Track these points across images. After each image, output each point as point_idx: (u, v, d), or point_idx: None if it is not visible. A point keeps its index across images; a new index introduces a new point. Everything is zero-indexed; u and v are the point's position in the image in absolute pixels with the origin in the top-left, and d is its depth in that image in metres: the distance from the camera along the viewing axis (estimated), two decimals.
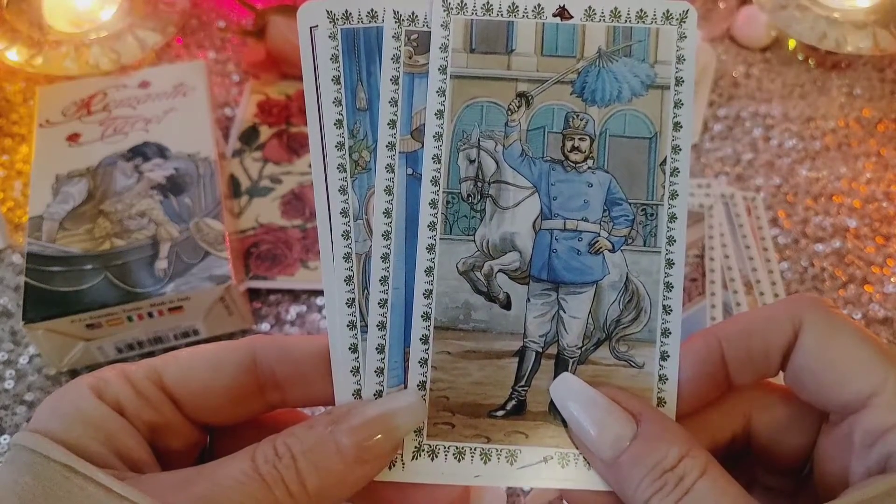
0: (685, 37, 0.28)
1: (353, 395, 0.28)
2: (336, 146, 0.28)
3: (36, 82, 0.63)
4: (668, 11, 0.28)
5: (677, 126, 0.28)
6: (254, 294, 0.52)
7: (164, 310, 0.47)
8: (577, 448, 0.27)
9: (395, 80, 0.28)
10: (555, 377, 0.28)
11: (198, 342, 0.50)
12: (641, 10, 0.28)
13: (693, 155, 0.61)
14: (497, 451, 0.28)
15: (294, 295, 0.52)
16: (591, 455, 0.27)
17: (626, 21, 0.28)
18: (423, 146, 0.28)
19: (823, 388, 0.27)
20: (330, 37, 0.28)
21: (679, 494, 0.24)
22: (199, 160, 0.53)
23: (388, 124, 0.28)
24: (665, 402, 0.28)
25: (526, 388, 0.29)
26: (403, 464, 0.28)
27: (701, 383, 0.28)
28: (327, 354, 0.28)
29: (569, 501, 0.30)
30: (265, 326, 0.51)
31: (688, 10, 0.28)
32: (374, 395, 0.28)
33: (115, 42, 0.62)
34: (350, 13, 0.28)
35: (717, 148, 0.61)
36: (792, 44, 0.67)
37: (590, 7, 0.28)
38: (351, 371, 0.28)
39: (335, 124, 0.28)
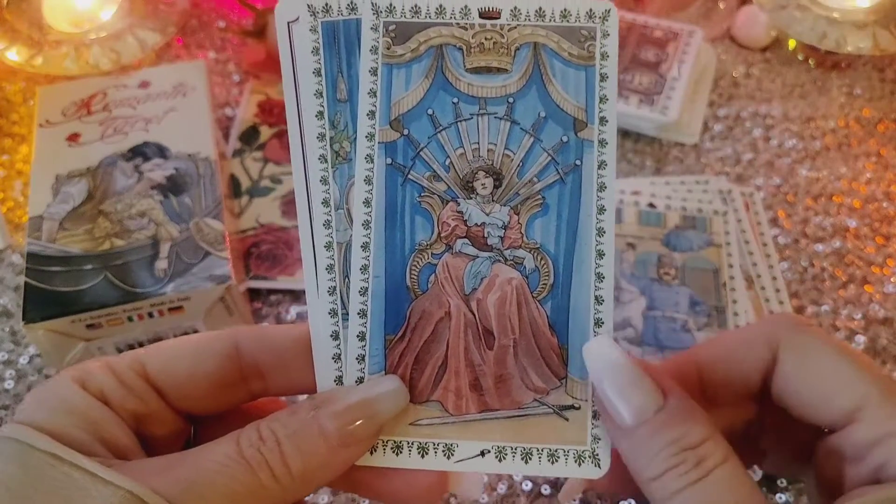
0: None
1: (334, 381, 0.28)
2: (317, 137, 0.28)
3: (36, 82, 0.64)
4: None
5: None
6: (254, 294, 0.52)
7: (164, 310, 0.47)
8: (599, 411, 0.27)
9: (373, 71, 0.28)
10: None
11: None
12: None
13: (693, 154, 0.61)
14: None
15: (294, 295, 0.52)
16: (612, 421, 0.26)
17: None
18: (402, 136, 0.28)
19: (809, 409, 0.27)
20: (311, 30, 0.28)
21: (697, 475, 0.24)
22: (199, 160, 0.53)
23: (368, 115, 0.28)
24: None
25: None
26: (384, 450, 0.28)
27: None
28: (308, 343, 0.28)
29: (595, 487, 0.30)
30: None
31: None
32: (356, 381, 0.28)
33: (115, 42, 0.62)
34: (330, 6, 0.28)
35: (717, 148, 0.61)
36: (792, 44, 0.67)
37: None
38: (332, 358, 0.28)
39: (316, 116, 0.28)
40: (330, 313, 0.28)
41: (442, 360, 0.28)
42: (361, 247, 0.28)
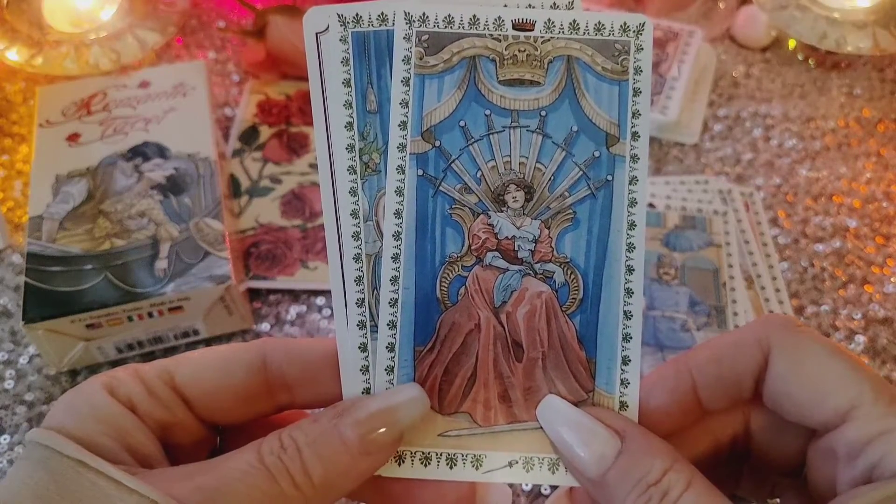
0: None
1: (361, 393, 0.28)
2: (346, 148, 0.28)
3: (36, 82, 0.63)
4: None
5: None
6: (254, 294, 0.52)
7: (164, 310, 0.47)
8: (566, 466, 0.28)
9: (405, 82, 0.28)
10: None
11: (198, 342, 0.50)
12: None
13: (693, 154, 0.61)
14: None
15: (294, 295, 0.52)
16: (580, 474, 0.27)
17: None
18: (434, 148, 0.28)
19: (802, 409, 0.27)
20: (341, 40, 0.28)
21: None
22: (199, 160, 0.53)
23: (399, 126, 0.28)
24: None
25: None
26: (413, 461, 0.28)
27: (672, 411, 0.28)
28: (335, 356, 0.28)
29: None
30: (265, 326, 0.51)
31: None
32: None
33: (115, 42, 0.62)
34: (360, 16, 0.28)
35: (717, 148, 0.61)
36: (792, 44, 0.67)
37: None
38: (360, 370, 0.28)
39: (345, 127, 0.28)
40: (358, 325, 0.28)
41: (471, 371, 0.29)
42: (392, 258, 0.28)
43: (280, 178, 0.57)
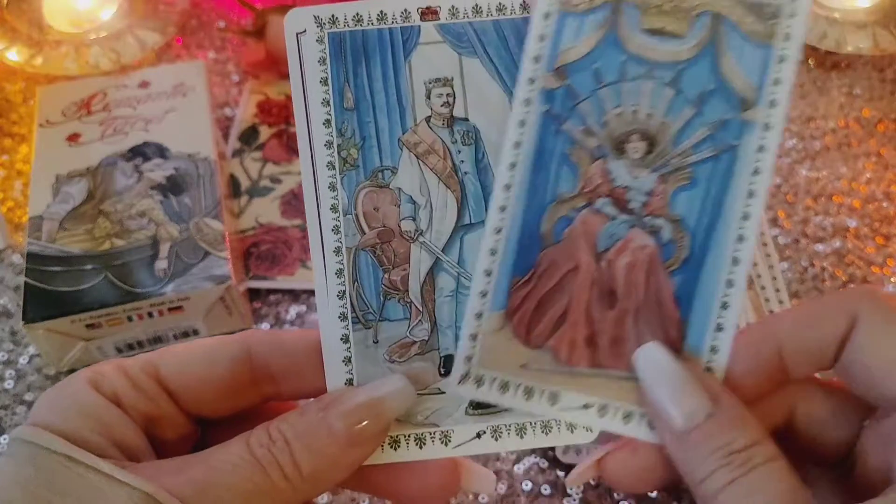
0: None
1: (345, 384, 0.29)
2: (325, 144, 0.29)
3: (36, 82, 0.63)
4: None
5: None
6: (254, 294, 0.52)
7: (164, 310, 0.47)
8: (650, 416, 0.27)
9: (547, 16, 0.28)
10: None
11: None
12: None
13: None
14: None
15: (294, 295, 0.52)
16: (662, 424, 0.27)
17: None
18: (563, 86, 0.28)
19: (873, 382, 0.27)
20: (317, 40, 0.28)
21: (741, 472, 0.25)
22: (199, 160, 0.53)
23: (533, 59, 0.28)
24: None
25: None
26: (491, 386, 0.28)
27: (757, 376, 0.28)
28: (319, 348, 0.29)
29: (606, 479, 0.30)
30: (265, 326, 0.51)
31: None
32: (476, 316, 0.28)
33: (115, 42, 0.63)
34: (336, 17, 0.28)
35: None
36: None
37: None
38: (342, 361, 0.29)
39: (324, 124, 0.29)
40: (340, 317, 0.29)
41: (563, 311, 0.29)
42: (504, 187, 0.28)
43: (280, 178, 0.57)
